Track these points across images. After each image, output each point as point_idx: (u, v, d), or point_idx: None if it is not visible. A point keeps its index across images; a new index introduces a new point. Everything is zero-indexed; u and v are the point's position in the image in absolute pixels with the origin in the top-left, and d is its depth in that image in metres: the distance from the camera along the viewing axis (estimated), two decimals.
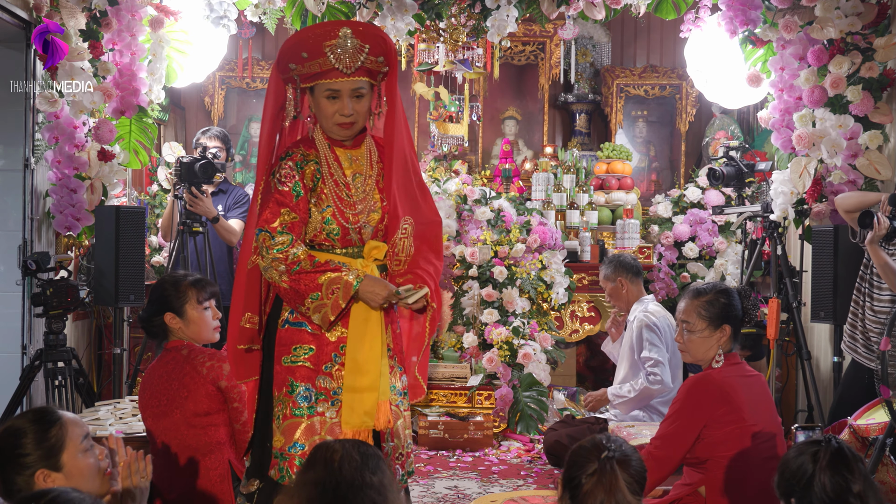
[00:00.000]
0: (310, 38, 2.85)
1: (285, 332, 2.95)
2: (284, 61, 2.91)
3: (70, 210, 5.08)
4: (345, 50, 2.82)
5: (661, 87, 7.54)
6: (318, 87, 2.91)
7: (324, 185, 2.94)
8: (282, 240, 2.85)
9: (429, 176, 6.41)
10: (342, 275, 2.83)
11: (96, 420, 3.94)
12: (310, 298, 2.81)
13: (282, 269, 2.82)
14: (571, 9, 5.34)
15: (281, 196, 2.89)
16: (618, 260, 5.23)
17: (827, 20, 4.95)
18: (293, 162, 2.93)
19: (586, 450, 2.27)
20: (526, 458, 5.24)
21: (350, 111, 2.91)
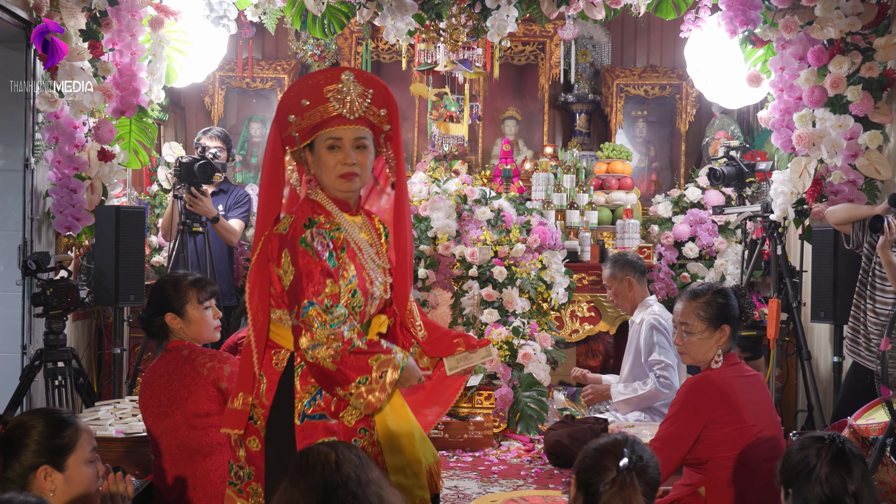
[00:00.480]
0: (310, 85, 2.70)
1: (306, 428, 2.62)
2: (284, 113, 2.72)
3: (70, 210, 5.08)
4: (347, 94, 2.67)
5: (661, 87, 7.54)
6: (319, 138, 2.70)
7: (347, 254, 2.70)
8: (338, 314, 2.56)
9: (429, 176, 6.40)
10: (391, 358, 2.57)
11: (96, 420, 3.94)
12: (357, 382, 2.54)
13: (337, 347, 2.52)
14: (571, 9, 5.34)
15: (324, 265, 2.60)
16: (625, 259, 5.19)
17: (827, 20, 4.95)
18: (324, 230, 2.66)
19: (604, 454, 2.22)
20: (526, 458, 5.24)
21: (353, 160, 2.69)
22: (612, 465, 2.18)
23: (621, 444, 2.23)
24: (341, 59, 7.36)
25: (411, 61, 6.44)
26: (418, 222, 6.05)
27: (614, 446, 2.22)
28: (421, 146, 7.49)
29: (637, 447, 2.23)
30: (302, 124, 2.70)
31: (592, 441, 2.29)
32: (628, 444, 2.22)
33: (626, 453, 2.18)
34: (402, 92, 7.51)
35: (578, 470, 2.25)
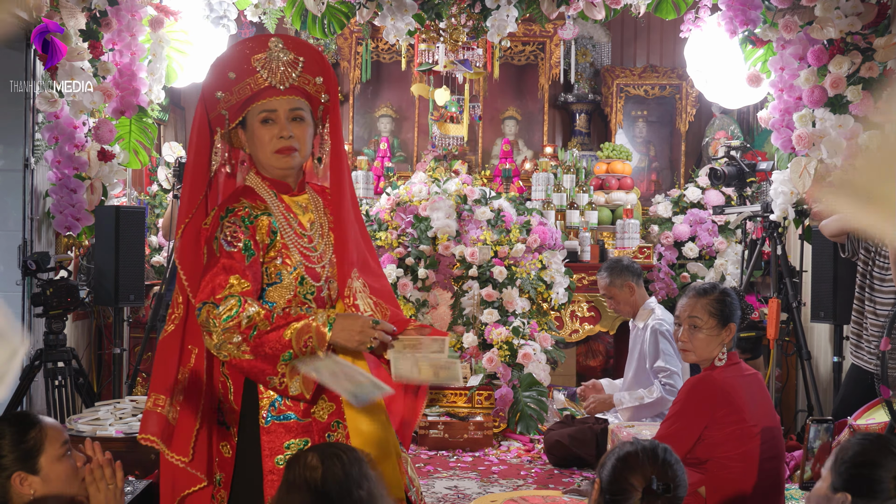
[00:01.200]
0: (235, 56, 2.49)
1: (273, 430, 2.45)
2: (211, 90, 2.49)
3: (70, 210, 5.08)
4: (277, 61, 2.47)
5: (660, 87, 7.55)
6: (251, 113, 2.49)
7: (283, 238, 2.47)
8: (230, 304, 2.32)
9: (429, 176, 6.41)
10: (310, 321, 2.33)
11: (96, 420, 3.95)
12: (282, 360, 2.32)
13: (237, 340, 2.31)
14: (571, 9, 5.34)
15: (230, 260, 2.37)
16: (621, 265, 5.10)
17: (827, 20, 4.95)
18: (238, 218, 2.42)
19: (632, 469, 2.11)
20: (526, 458, 5.24)
21: (289, 132, 2.47)
22: (639, 484, 2.09)
23: (650, 464, 2.10)
24: (341, 58, 7.36)
25: (411, 61, 6.45)
26: (418, 222, 6.05)
27: (642, 463, 2.11)
28: (421, 146, 7.49)
29: (669, 468, 2.11)
30: (231, 100, 2.49)
31: (621, 445, 2.20)
32: (658, 464, 2.10)
33: (653, 481, 2.07)
34: (402, 92, 7.51)
35: (603, 478, 2.17)
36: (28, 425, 2.33)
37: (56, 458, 2.33)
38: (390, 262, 5.92)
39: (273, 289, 2.46)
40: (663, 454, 2.13)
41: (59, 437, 2.36)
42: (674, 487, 2.09)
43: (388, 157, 7.33)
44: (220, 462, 2.52)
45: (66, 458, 2.36)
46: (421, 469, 4.95)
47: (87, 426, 3.88)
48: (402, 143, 7.65)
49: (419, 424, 5.44)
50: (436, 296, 6.10)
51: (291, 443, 2.44)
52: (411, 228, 6.05)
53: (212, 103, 2.50)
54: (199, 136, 2.51)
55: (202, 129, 2.51)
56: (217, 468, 2.52)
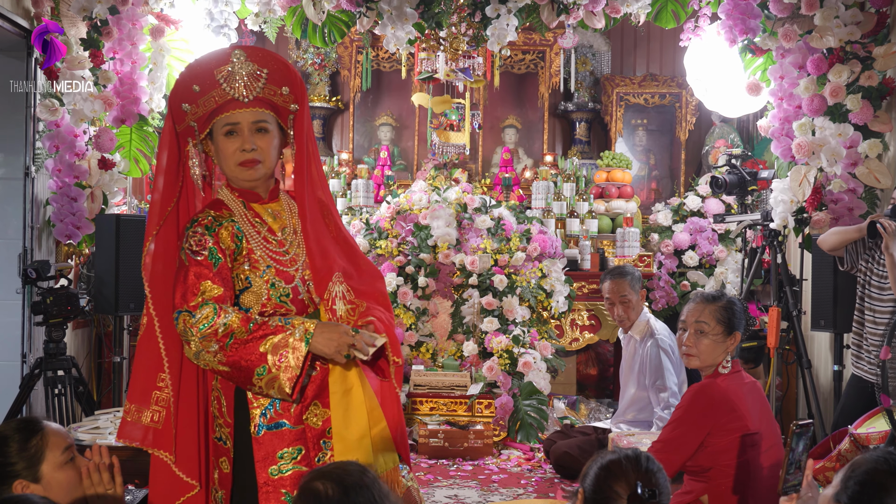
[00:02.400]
0: (199, 69, 2.48)
1: (265, 440, 2.43)
2: (177, 103, 2.49)
3: (70, 218, 5.08)
4: (238, 75, 2.46)
5: (660, 95, 7.55)
6: (216, 126, 2.49)
7: (250, 243, 2.47)
8: (205, 313, 2.32)
9: (429, 184, 6.41)
10: (287, 335, 2.33)
11: (96, 429, 3.94)
12: (256, 374, 2.31)
13: (214, 349, 2.31)
14: (571, 18, 5.36)
15: (198, 268, 2.39)
16: (634, 272, 5.07)
17: (826, 29, 4.95)
18: (202, 227, 2.43)
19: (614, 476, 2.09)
20: (526, 466, 5.23)
21: (252, 145, 2.47)
22: (623, 491, 2.06)
23: (633, 471, 2.08)
24: (342, 67, 7.38)
25: (411, 70, 6.46)
26: (418, 230, 6.05)
27: (625, 471, 2.09)
28: (421, 154, 7.50)
29: (652, 475, 2.09)
30: (197, 112, 2.50)
31: (602, 454, 2.18)
32: (642, 471, 2.08)
33: (638, 486, 2.05)
34: (402, 101, 7.52)
35: (586, 488, 2.15)
36: (31, 432, 2.31)
37: (58, 465, 2.31)
38: (390, 271, 5.92)
39: (245, 294, 2.46)
40: (646, 462, 2.12)
41: (62, 444, 2.33)
42: (658, 494, 2.07)
43: (389, 166, 7.34)
44: (220, 479, 2.50)
45: (69, 465, 2.33)
46: (421, 478, 4.94)
47: (87, 435, 3.87)
48: (403, 152, 7.66)
49: (419, 433, 5.44)
50: (436, 304, 6.10)
51: (285, 452, 2.43)
52: (411, 237, 6.06)
53: (178, 115, 2.51)
54: (167, 145, 2.53)
55: (169, 139, 2.53)
56: (218, 485, 2.50)
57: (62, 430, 2.40)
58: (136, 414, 2.51)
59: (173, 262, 2.49)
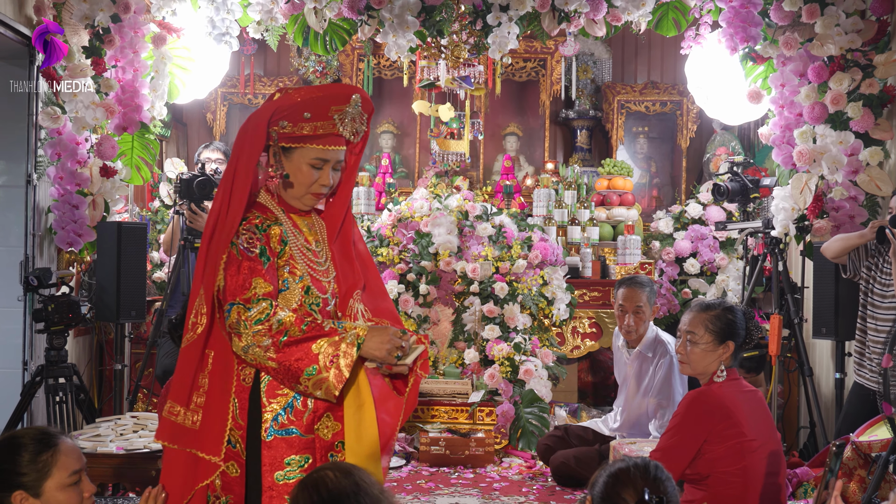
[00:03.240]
0: (317, 100, 2.56)
1: (274, 445, 2.48)
2: (279, 117, 2.56)
3: (72, 226, 5.09)
4: (352, 118, 2.59)
5: (661, 103, 7.56)
6: (303, 151, 2.58)
7: (292, 250, 2.57)
8: (261, 307, 2.41)
9: (430, 192, 6.42)
10: (339, 339, 2.41)
11: (97, 436, 3.94)
12: (305, 374, 2.38)
13: (266, 344, 2.38)
14: (572, 26, 5.36)
15: (251, 263, 2.47)
16: (653, 285, 4.98)
17: (827, 37, 4.96)
18: (252, 225, 2.52)
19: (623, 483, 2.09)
20: (528, 474, 5.22)
21: (332, 182, 2.62)
22: (631, 498, 2.07)
23: (641, 479, 2.09)
24: (343, 75, 7.38)
25: (412, 78, 6.47)
26: (420, 238, 6.05)
27: (634, 478, 2.10)
28: (422, 162, 7.51)
29: (660, 483, 2.10)
30: (289, 132, 2.57)
31: (612, 462, 2.19)
32: (650, 479, 2.09)
33: (646, 493, 2.05)
34: (403, 108, 7.54)
35: (595, 495, 2.15)
36: (45, 445, 2.30)
37: (61, 486, 2.29)
38: (391, 278, 5.92)
39: (280, 296, 2.52)
40: (654, 470, 2.13)
41: (72, 465, 2.31)
42: (666, 502, 2.08)
43: (390, 173, 7.34)
44: (224, 484, 2.51)
45: (73, 488, 2.31)
46: (422, 486, 4.94)
47: (88, 442, 3.87)
48: (404, 159, 7.67)
49: (420, 440, 5.43)
50: (437, 312, 6.09)
51: (292, 459, 2.47)
52: (413, 244, 6.06)
53: (275, 124, 2.56)
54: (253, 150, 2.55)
55: (257, 145, 2.55)
56: (222, 491, 2.51)
57: (76, 451, 2.39)
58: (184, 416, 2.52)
59: None
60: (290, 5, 5.28)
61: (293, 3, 5.27)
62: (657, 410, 4.83)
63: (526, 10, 5.26)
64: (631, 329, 4.90)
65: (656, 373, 4.85)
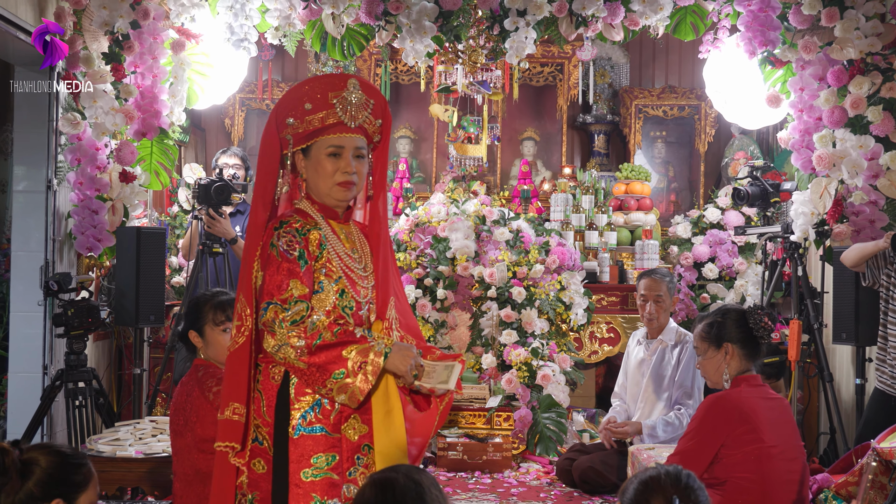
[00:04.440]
0: (314, 90, 2.62)
1: (301, 442, 2.51)
2: (283, 115, 2.63)
3: (91, 231, 5.12)
4: (351, 102, 2.63)
5: (679, 107, 7.54)
6: (318, 144, 2.64)
7: (330, 254, 2.62)
8: (298, 309, 2.48)
9: (447, 196, 6.42)
10: (368, 347, 2.48)
11: (116, 440, 3.95)
12: (333, 377, 2.45)
13: (300, 346, 2.45)
14: (590, 30, 5.36)
15: (290, 265, 2.53)
16: (672, 277, 5.05)
17: (847, 41, 4.94)
18: (293, 229, 2.58)
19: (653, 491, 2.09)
20: (545, 479, 5.21)
21: (353, 168, 2.63)
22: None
23: (672, 487, 2.08)
24: None
25: (430, 83, 6.47)
26: (437, 243, 6.05)
27: (664, 486, 2.09)
28: (440, 167, 7.51)
29: (691, 492, 2.08)
30: (300, 128, 2.63)
31: (644, 470, 2.19)
32: (681, 487, 2.08)
33: (675, 501, 2.05)
34: (420, 113, 7.55)
35: (625, 502, 2.15)
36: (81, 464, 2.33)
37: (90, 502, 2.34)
38: (409, 283, 5.92)
39: (315, 297, 2.57)
40: (686, 479, 2.12)
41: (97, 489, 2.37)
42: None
43: (407, 178, 7.35)
44: (251, 481, 2.56)
45: None
46: None
47: (107, 446, 3.89)
48: (421, 164, 7.68)
49: (438, 445, 5.43)
50: (454, 316, 6.09)
51: (319, 457, 2.50)
52: (430, 249, 6.06)
53: (281, 126, 2.63)
54: (271, 156, 2.64)
55: (273, 149, 2.64)
56: (248, 488, 2.56)
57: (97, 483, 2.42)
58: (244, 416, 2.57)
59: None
60: (308, 11, 5.30)
61: (311, 8, 5.29)
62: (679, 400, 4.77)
63: (543, 14, 5.25)
64: (652, 316, 4.94)
65: (679, 360, 4.83)
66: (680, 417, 4.71)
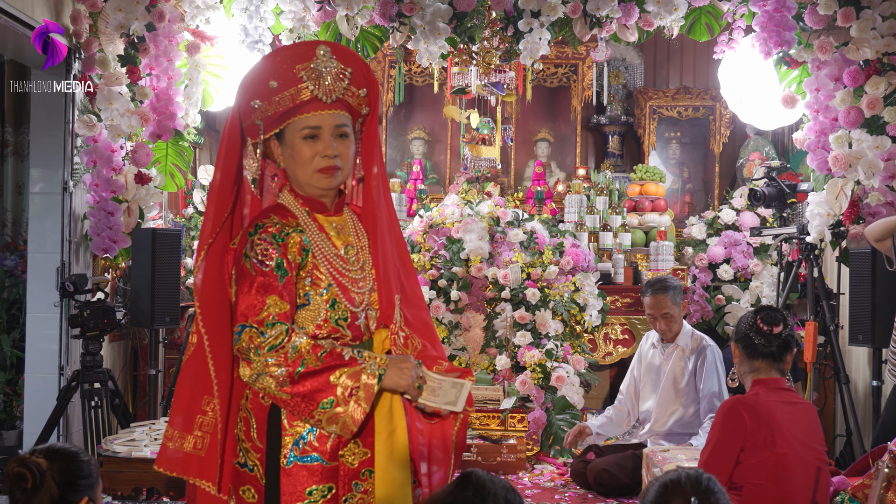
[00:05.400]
0: (279, 63, 2.26)
1: (294, 472, 2.21)
2: (246, 98, 2.27)
3: (107, 232, 5.14)
4: (325, 72, 2.25)
5: (694, 108, 7.52)
6: (291, 127, 2.27)
7: (316, 259, 2.26)
8: (275, 333, 2.13)
9: (461, 198, 6.42)
10: (359, 369, 2.16)
11: (132, 441, 3.97)
12: (320, 407, 2.14)
13: (280, 374, 2.11)
14: (604, 31, 5.35)
15: (265, 279, 2.17)
16: (678, 283, 4.98)
17: (863, 41, 4.91)
18: (269, 235, 2.21)
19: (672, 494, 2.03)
20: (560, 481, 5.20)
21: (334, 151, 2.26)
22: None
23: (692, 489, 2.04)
24: None
25: (444, 84, 6.48)
26: (451, 244, 6.05)
27: (683, 488, 2.05)
28: (453, 168, 7.52)
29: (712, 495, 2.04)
30: (268, 111, 2.27)
31: (665, 472, 2.15)
32: (701, 490, 2.04)
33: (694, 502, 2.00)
34: (434, 115, 7.55)
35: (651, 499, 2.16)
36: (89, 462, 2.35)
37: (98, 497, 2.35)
38: (423, 284, 5.93)
39: (301, 312, 2.25)
40: (707, 482, 2.10)
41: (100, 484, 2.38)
42: None
43: (421, 180, 7.36)
44: None
45: None
46: None
47: (123, 447, 3.91)
48: (435, 166, 7.68)
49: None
50: (468, 318, 6.09)
51: (314, 489, 2.22)
52: (444, 250, 6.06)
53: (246, 112, 2.29)
54: (229, 147, 2.30)
55: (233, 140, 2.30)
56: None
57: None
58: (179, 441, 2.30)
59: (225, 277, 2.29)
60: (323, 13, 5.31)
61: (325, 10, 5.30)
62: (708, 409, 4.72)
63: (557, 15, 5.25)
64: (665, 331, 4.87)
65: (698, 366, 4.78)
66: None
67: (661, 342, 4.96)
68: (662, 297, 4.83)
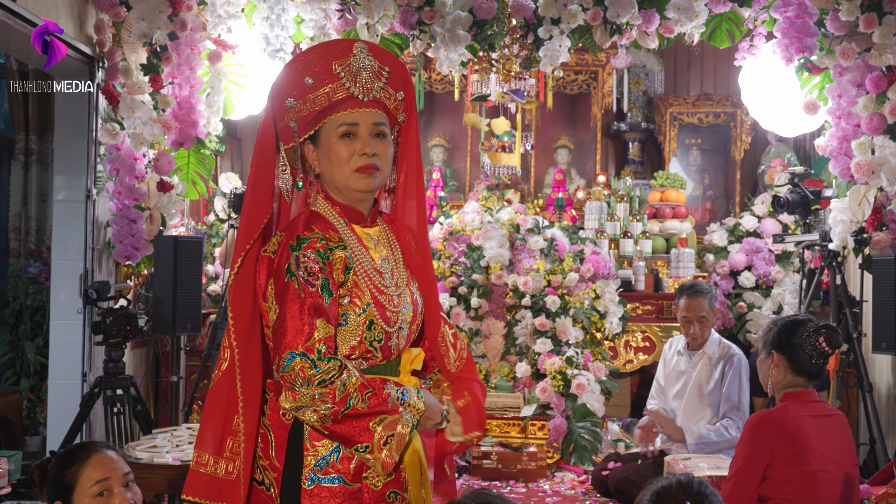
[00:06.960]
0: (314, 59, 2.17)
1: (316, 493, 2.13)
2: (280, 97, 2.18)
3: (130, 240, 5.18)
4: (362, 69, 2.17)
5: (715, 115, 7.49)
6: (327, 126, 2.18)
7: (357, 276, 2.15)
8: (328, 367, 2.02)
9: (481, 205, 6.42)
10: (397, 419, 2.07)
11: (154, 447, 3.99)
12: (355, 449, 2.07)
13: (325, 411, 2.01)
14: (624, 38, 5.34)
15: (313, 300, 2.06)
16: (712, 290, 4.92)
17: (885, 47, 4.88)
18: (314, 251, 2.10)
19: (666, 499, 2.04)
20: (580, 489, 5.18)
21: (373, 149, 2.15)
22: None
23: (684, 494, 2.04)
24: None
25: (464, 92, 6.49)
26: (471, 251, 6.06)
27: (675, 494, 2.05)
28: (473, 175, 7.52)
29: (704, 498, 2.04)
30: (303, 110, 2.17)
31: (654, 481, 2.14)
32: (692, 494, 2.04)
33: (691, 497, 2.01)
34: (454, 122, 7.56)
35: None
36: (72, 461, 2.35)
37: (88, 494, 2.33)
38: (443, 292, 5.93)
39: (338, 332, 2.14)
40: (698, 486, 2.09)
41: (95, 476, 2.33)
42: None
43: (441, 187, 7.37)
44: None
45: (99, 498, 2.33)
46: None
47: (145, 453, 3.93)
48: (455, 173, 7.69)
49: (472, 454, 5.42)
50: (489, 325, 6.09)
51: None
52: (464, 258, 6.07)
53: (280, 113, 2.19)
54: (264, 150, 2.21)
55: (268, 143, 2.20)
56: None
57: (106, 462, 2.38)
58: (213, 466, 2.22)
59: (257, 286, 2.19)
60: (343, 21, 5.33)
61: (346, 19, 5.32)
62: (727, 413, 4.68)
63: (578, 23, 5.25)
64: (697, 336, 4.81)
65: (724, 376, 4.74)
66: (727, 427, 4.62)
67: (686, 349, 4.90)
68: (700, 299, 4.78)
